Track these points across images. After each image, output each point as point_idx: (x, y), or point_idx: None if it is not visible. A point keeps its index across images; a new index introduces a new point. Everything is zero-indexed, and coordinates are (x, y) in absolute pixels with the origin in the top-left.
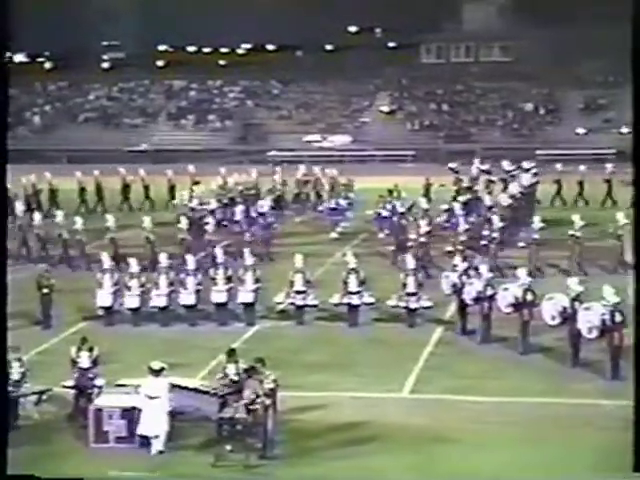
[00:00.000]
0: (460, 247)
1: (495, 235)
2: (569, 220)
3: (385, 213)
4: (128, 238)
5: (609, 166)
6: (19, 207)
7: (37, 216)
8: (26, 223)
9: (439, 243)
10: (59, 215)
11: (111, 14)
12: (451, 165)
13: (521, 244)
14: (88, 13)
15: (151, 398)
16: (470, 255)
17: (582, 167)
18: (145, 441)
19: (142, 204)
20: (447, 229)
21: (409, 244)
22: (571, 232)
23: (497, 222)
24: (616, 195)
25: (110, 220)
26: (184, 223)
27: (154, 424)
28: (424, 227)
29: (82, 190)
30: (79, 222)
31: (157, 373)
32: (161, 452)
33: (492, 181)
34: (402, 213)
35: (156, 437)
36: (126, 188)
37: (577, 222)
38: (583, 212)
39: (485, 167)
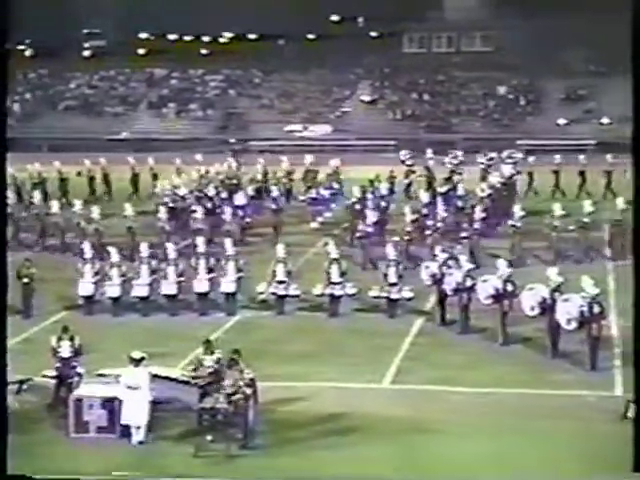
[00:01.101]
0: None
1: (439, 225)
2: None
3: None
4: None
5: (557, 157)
6: (37, 196)
7: (55, 205)
8: (43, 212)
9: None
10: (77, 204)
11: (92, 2)
12: (403, 157)
13: (463, 234)
14: (69, 1)
15: (132, 388)
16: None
17: (531, 158)
18: (126, 431)
19: (151, 195)
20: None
21: (357, 234)
22: (511, 222)
23: (441, 212)
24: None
25: (128, 209)
26: (199, 212)
27: (135, 414)
28: (371, 217)
29: (91, 179)
30: (96, 211)
31: (137, 363)
32: (141, 442)
33: (455, 172)
34: (355, 201)
35: (137, 427)
36: (135, 177)
37: (517, 212)
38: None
39: (450, 159)
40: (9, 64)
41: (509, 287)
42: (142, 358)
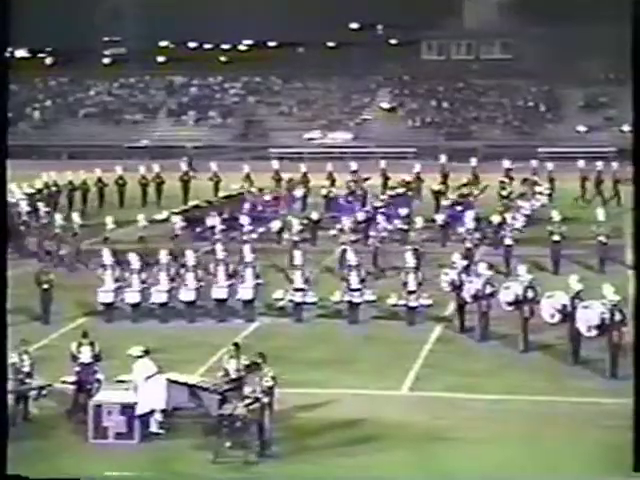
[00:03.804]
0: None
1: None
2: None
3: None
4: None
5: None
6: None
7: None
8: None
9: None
10: (141, 220)
11: (112, 10)
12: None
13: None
14: (89, 8)
15: (149, 377)
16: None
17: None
18: (146, 430)
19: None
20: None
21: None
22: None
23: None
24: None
25: (141, 221)
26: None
27: (157, 398)
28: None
29: (144, 187)
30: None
31: (142, 356)
32: (158, 433)
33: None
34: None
35: (155, 411)
36: (160, 185)
37: (555, 219)
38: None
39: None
40: (28, 72)
41: (530, 293)
42: (146, 351)
